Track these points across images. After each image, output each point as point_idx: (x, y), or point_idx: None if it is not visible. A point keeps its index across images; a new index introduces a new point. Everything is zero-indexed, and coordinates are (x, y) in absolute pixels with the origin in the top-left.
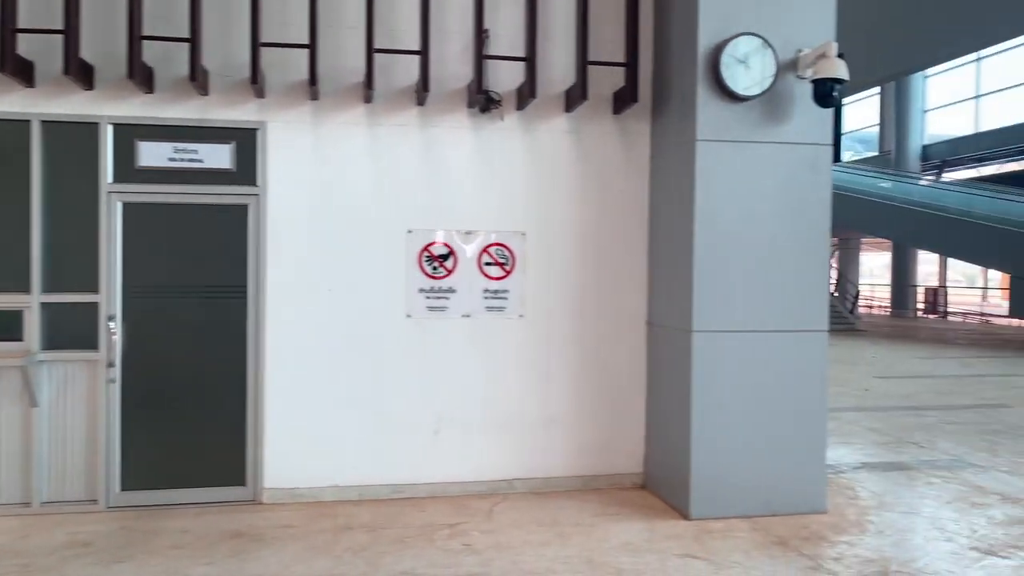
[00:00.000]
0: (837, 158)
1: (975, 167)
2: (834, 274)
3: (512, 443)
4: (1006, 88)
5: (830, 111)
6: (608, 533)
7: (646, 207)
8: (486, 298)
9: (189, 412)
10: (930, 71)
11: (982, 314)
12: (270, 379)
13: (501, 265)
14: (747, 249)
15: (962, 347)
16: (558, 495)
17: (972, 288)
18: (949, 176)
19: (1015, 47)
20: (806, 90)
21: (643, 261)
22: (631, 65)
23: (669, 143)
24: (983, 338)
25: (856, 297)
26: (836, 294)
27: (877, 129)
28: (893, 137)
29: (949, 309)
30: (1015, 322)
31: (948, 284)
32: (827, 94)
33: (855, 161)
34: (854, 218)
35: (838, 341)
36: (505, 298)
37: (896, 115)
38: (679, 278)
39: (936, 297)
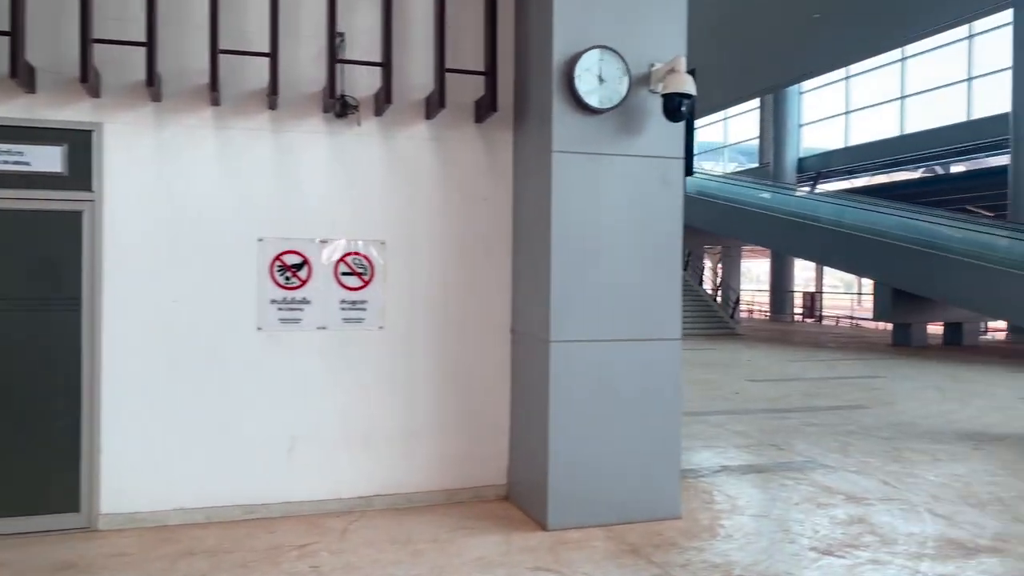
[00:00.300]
0: (689, 172)
1: (846, 179)
2: (716, 280)
3: (372, 459)
4: (873, 105)
5: (681, 125)
6: (463, 548)
7: (510, 216)
8: (343, 309)
9: (13, 434)
10: (805, 87)
11: (852, 318)
12: (107, 396)
13: (359, 275)
14: (603, 259)
15: (831, 350)
16: (419, 511)
17: (848, 293)
18: (823, 187)
19: (882, 66)
20: (659, 104)
21: (507, 270)
22: (490, 74)
23: (529, 153)
24: (851, 341)
25: (736, 303)
26: (718, 300)
27: (758, 142)
28: (771, 150)
29: (824, 313)
30: (882, 325)
31: (824, 290)
32: (676, 108)
33: (738, 173)
34: (735, 227)
35: (718, 345)
36: (364, 309)
37: (774, 129)
38: (538, 288)
39: (813, 302)
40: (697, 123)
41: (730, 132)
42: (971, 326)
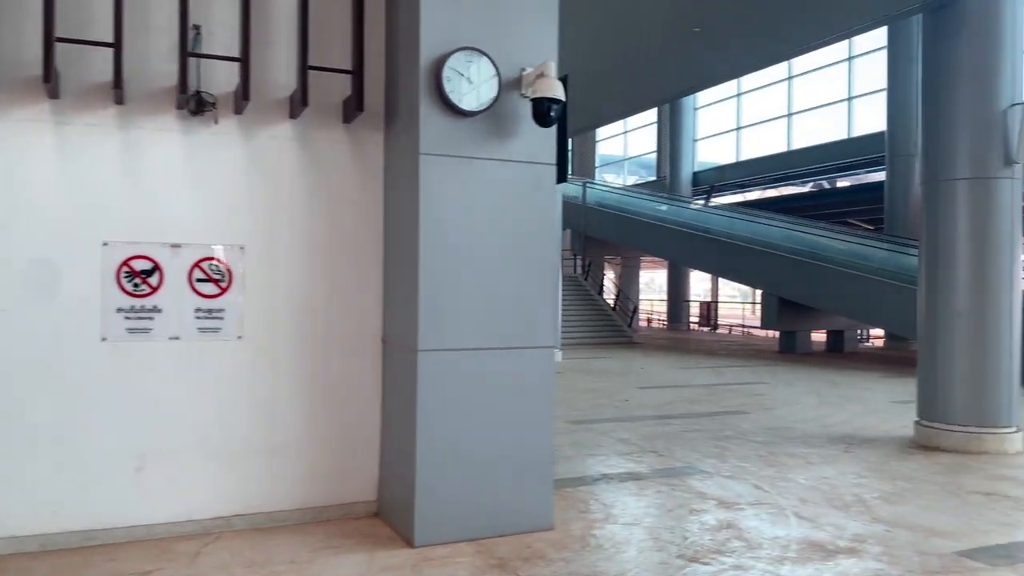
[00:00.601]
0: (563, 178)
1: (739, 192)
2: (614, 290)
3: (231, 476)
4: (763, 122)
5: (553, 131)
6: (323, 569)
7: (381, 220)
8: (199, 318)
9: None
10: (699, 103)
11: (744, 326)
12: None
13: (216, 282)
14: (474, 266)
15: (721, 357)
16: (282, 530)
17: (744, 303)
18: (717, 200)
19: (770, 84)
20: (531, 109)
21: (379, 276)
22: (357, 73)
23: (398, 155)
24: (741, 348)
25: (634, 312)
26: (616, 309)
27: (655, 155)
28: (668, 163)
29: (720, 322)
30: (771, 333)
31: (721, 299)
32: (545, 113)
33: (637, 185)
34: (633, 238)
35: (615, 353)
36: (221, 318)
37: (670, 143)
38: (406, 295)
39: (709, 311)
40: (599, 136)
41: (630, 145)
42: (852, 333)
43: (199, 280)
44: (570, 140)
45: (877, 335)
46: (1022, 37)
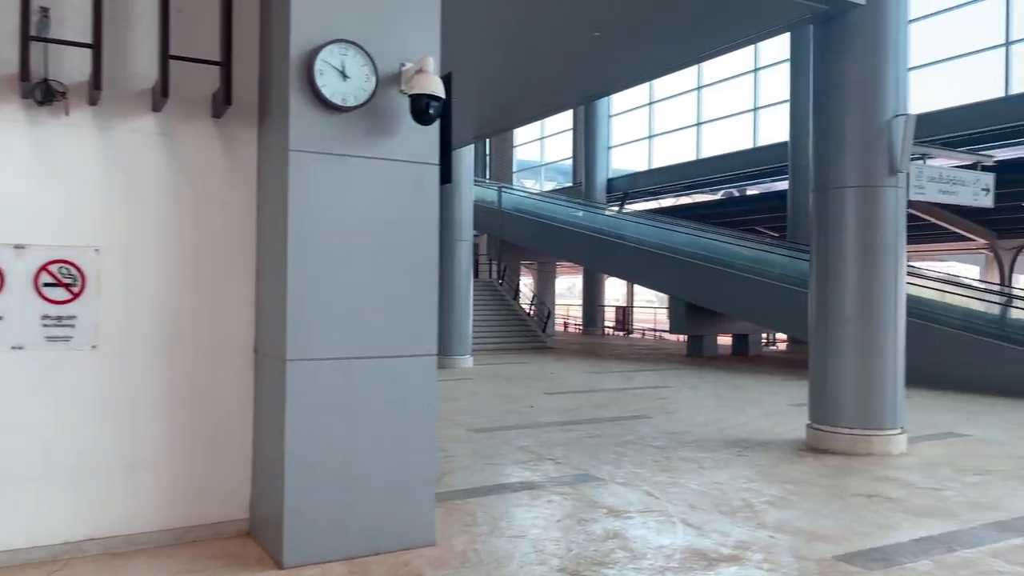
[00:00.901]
0: (447, 179)
1: (652, 199)
2: (530, 295)
3: (83, 497)
4: (674, 130)
5: (435, 130)
6: None
7: (253, 222)
8: (46, 326)
9: None
10: (613, 111)
11: (656, 331)
12: None
13: (67, 286)
14: (351, 270)
15: (631, 361)
16: (141, 554)
17: (659, 308)
18: (631, 207)
19: (681, 93)
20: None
21: (251, 282)
22: (225, 64)
23: (271, 153)
24: (651, 353)
25: (548, 316)
26: (531, 314)
27: (571, 161)
28: (583, 170)
29: (635, 327)
30: (681, 337)
31: (637, 304)
32: (423, 110)
33: (553, 191)
34: (547, 244)
35: (528, 359)
36: (72, 325)
37: (585, 150)
38: (276, 301)
39: (625, 316)
40: (516, 141)
41: (547, 151)
42: (756, 337)
43: (47, 285)
44: (487, 144)
45: (783, 339)
46: (906, 50)
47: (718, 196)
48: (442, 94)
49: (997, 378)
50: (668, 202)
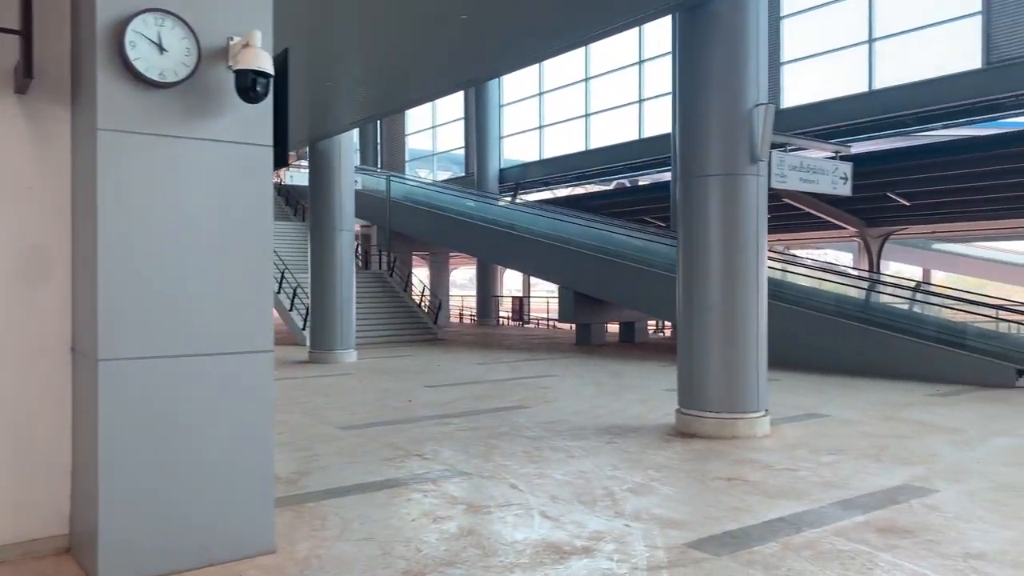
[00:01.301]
0: (282, 163)
1: (545, 190)
2: (422, 286)
3: None
4: (563, 121)
5: (267, 109)
6: None
7: (68, 209)
8: None
9: None
10: (505, 100)
11: (550, 320)
12: None
13: None
14: (173, 261)
15: (520, 351)
16: None
17: (555, 298)
18: (525, 197)
19: (570, 84)
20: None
21: (67, 275)
22: (24, 34)
23: (83, 133)
24: (543, 342)
25: (439, 308)
26: (421, 305)
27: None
28: (476, 159)
29: (532, 317)
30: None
31: (534, 294)
32: (249, 87)
33: (446, 181)
34: (438, 234)
35: (417, 351)
36: None
37: (477, 139)
38: (89, 295)
39: (522, 306)
40: (408, 130)
41: (440, 141)
42: (643, 325)
43: None
44: (378, 133)
45: (670, 325)
46: (766, 40)
47: (611, 187)
48: (270, 70)
49: (861, 360)
50: (563, 192)
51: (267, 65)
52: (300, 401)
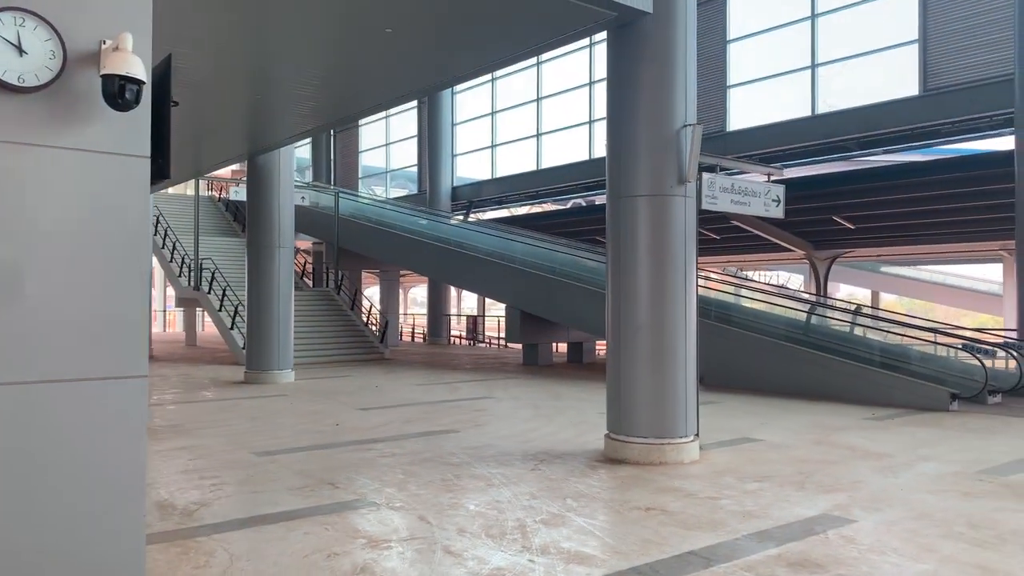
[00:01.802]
0: (162, 175)
1: (498, 208)
2: (368, 304)
3: None
4: (515, 140)
5: (146, 119)
6: None
7: None
8: None
9: None
10: (458, 119)
11: (500, 340)
12: None
13: None
14: (36, 278)
15: (465, 371)
16: None
17: None
18: (478, 216)
19: (522, 104)
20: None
21: None
22: None
23: None
24: (489, 362)
25: (386, 327)
26: (369, 324)
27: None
28: (428, 177)
29: (486, 336)
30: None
31: (489, 313)
32: (116, 93)
33: (399, 198)
34: (386, 251)
35: (359, 371)
36: None
37: (429, 157)
38: None
39: (476, 325)
40: (362, 147)
41: (393, 158)
42: (592, 345)
43: None
44: (331, 149)
45: None
46: (695, 60)
47: (567, 206)
48: (141, 76)
49: (802, 382)
50: (520, 211)
51: (137, 70)
52: (223, 424)
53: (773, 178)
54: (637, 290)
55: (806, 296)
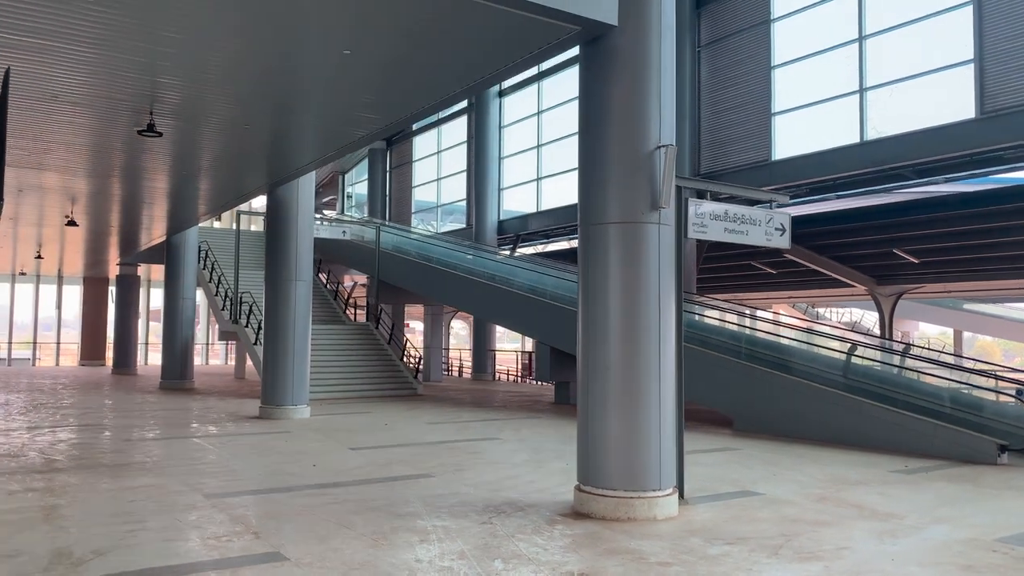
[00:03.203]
0: None
1: (548, 242)
2: (411, 339)
3: None
4: (561, 172)
5: None
6: None
7: None
8: None
9: None
10: (505, 153)
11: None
12: None
13: None
14: None
15: (489, 410)
16: None
17: None
18: (523, 250)
19: (567, 136)
20: None
21: None
22: None
23: None
24: (523, 400)
25: (420, 362)
26: (407, 359)
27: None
28: (475, 211)
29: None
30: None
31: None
32: None
33: (449, 232)
34: (427, 286)
35: (383, 408)
36: None
37: (476, 191)
38: None
39: (530, 361)
40: (415, 182)
41: (444, 193)
42: None
43: None
44: (387, 185)
45: None
46: (670, 77)
47: None
48: None
49: (836, 427)
50: (562, 245)
51: None
52: (199, 462)
53: (776, 204)
54: (607, 326)
55: (857, 336)
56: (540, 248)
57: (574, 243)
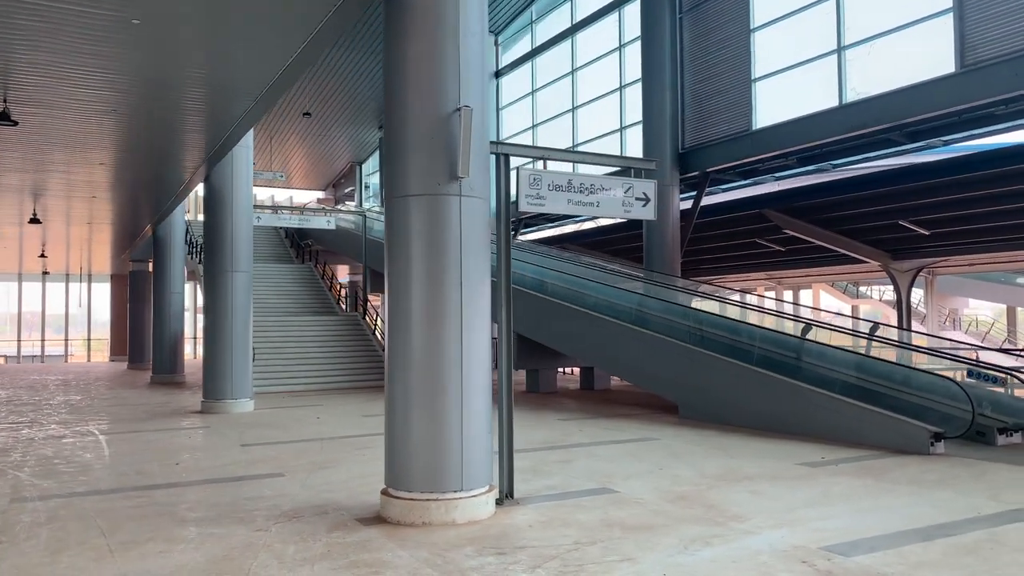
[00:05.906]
0: None
1: (542, 229)
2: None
3: None
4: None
5: None
6: None
7: None
8: None
9: None
10: (503, 135)
11: None
12: None
13: None
14: None
15: None
16: None
17: None
18: (524, 237)
19: (559, 115)
20: None
21: None
22: None
23: None
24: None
25: None
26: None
27: None
28: None
29: None
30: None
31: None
32: None
33: None
34: None
35: (344, 400)
36: None
37: None
38: None
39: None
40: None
41: None
42: (603, 371)
43: None
44: (380, 171)
45: None
46: (477, 32)
47: (603, 224)
48: None
49: (780, 414)
50: (554, 231)
51: None
52: (66, 460)
53: (643, 169)
54: (408, 312)
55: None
56: (536, 235)
57: (551, 231)
